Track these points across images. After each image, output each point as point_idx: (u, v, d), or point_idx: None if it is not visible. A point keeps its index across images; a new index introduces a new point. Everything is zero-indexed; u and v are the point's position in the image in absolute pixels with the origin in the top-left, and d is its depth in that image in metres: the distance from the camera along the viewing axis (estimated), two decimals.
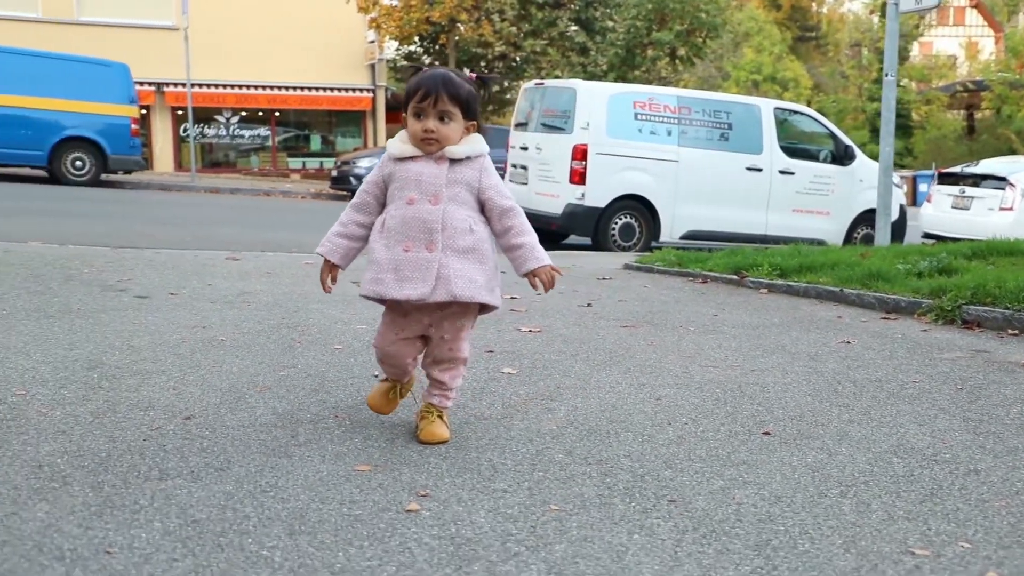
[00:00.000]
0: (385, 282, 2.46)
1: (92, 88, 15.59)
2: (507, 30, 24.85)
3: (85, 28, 22.36)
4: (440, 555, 1.84)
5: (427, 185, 2.47)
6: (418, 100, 2.46)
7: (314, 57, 24.53)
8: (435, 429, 2.58)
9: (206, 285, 5.31)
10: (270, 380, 3.21)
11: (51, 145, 15.32)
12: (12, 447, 2.35)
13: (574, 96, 10.98)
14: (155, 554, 1.77)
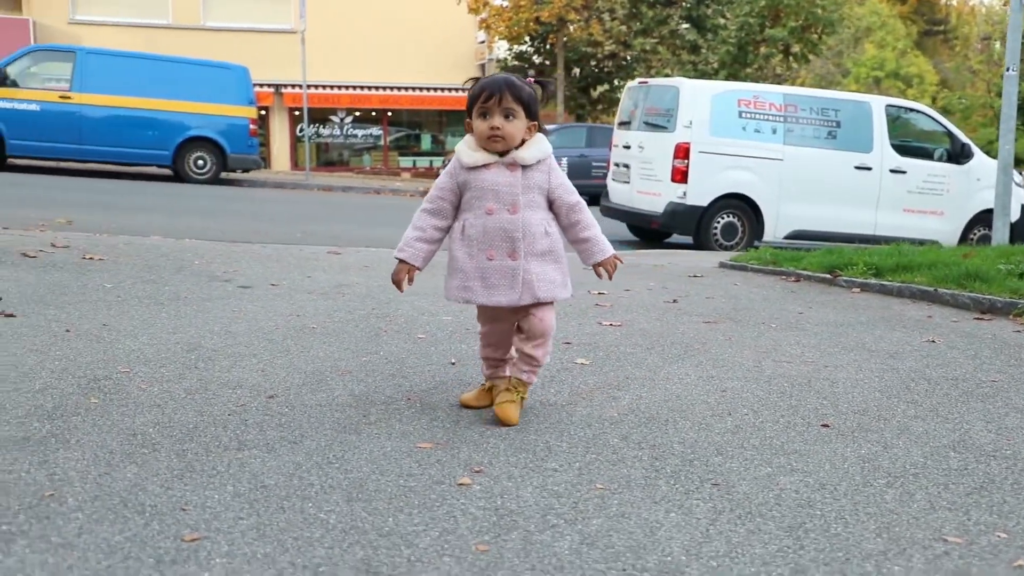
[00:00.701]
0: (473, 289, 2.64)
1: (214, 90, 16.31)
2: (617, 29, 24.84)
3: (210, 33, 23.38)
4: (482, 524, 1.97)
5: (504, 195, 2.61)
6: (483, 101, 2.60)
7: (425, 58, 25.03)
8: (511, 411, 2.71)
9: (306, 277, 5.57)
10: (352, 365, 3.40)
11: (176, 145, 16.07)
12: (112, 417, 2.58)
13: (677, 94, 10.96)
14: (224, 512, 1.95)
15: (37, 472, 2.12)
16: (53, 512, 1.90)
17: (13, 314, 3.87)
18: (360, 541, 1.85)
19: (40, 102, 15.21)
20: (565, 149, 19.23)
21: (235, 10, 23.93)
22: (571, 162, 19.02)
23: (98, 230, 7.70)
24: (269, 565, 1.71)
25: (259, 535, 1.85)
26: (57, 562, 1.67)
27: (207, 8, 23.98)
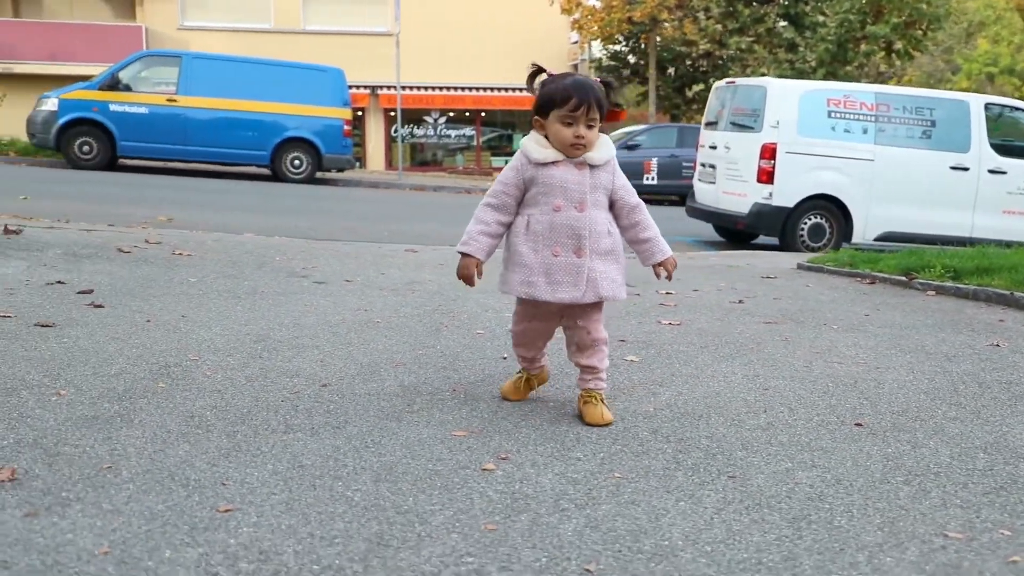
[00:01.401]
0: (537, 285, 2.67)
1: (310, 92, 16.81)
2: (712, 28, 24.61)
3: (310, 36, 24.06)
4: (496, 506, 2.09)
5: (573, 192, 2.66)
6: (571, 109, 2.62)
7: (518, 58, 25.21)
8: (598, 412, 2.76)
9: (380, 274, 5.78)
10: (407, 357, 3.55)
11: (273, 145, 16.63)
12: (175, 400, 2.79)
13: (764, 94, 10.87)
14: (259, 488, 2.12)
15: (100, 447, 2.33)
16: (108, 482, 2.09)
17: (102, 305, 4.16)
18: (378, 517, 1.99)
19: (148, 105, 15.93)
20: (655, 149, 19.16)
21: (333, 14, 24.58)
22: (661, 163, 18.95)
23: (196, 227, 8.09)
24: (290, 535, 1.87)
25: (287, 508, 2.00)
26: (103, 525, 1.86)
27: (307, 12, 24.70)
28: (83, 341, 3.46)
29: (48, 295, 4.29)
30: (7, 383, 2.84)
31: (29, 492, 2.01)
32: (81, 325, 3.72)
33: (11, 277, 4.63)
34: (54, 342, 3.41)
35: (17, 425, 2.45)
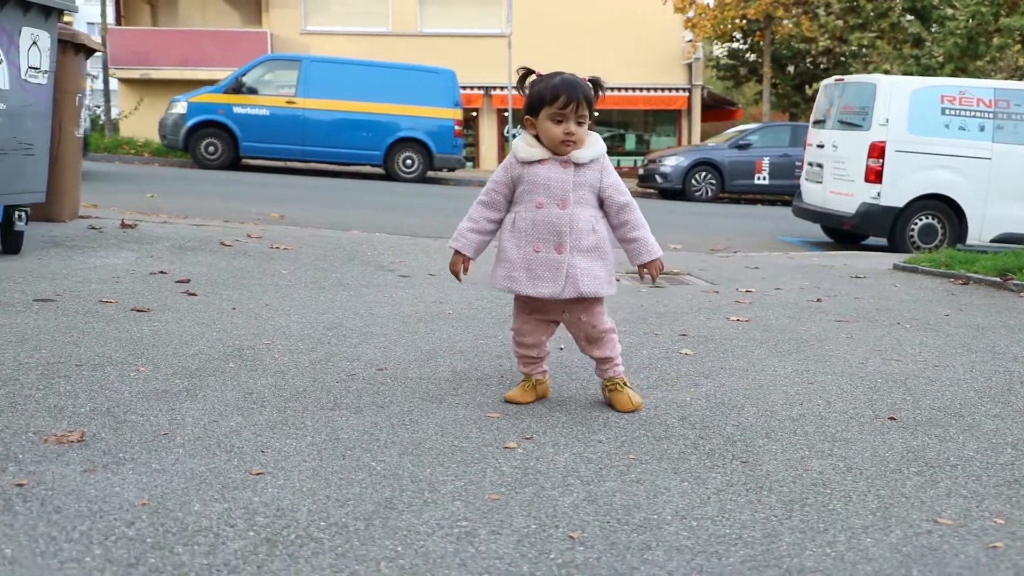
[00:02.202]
0: (518, 280, 2.76)
1: (423, 93, 17.25)
2: (833, 24, 24.02)
3: (426, 39, 24.62)
4: (506, 479, 2.24)
5: (555, 190, 2.73)
6: (560, 107, 2.70)
7: (631, 58, 25.20)
8: (625, 398, 2.85)
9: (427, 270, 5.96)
10: (466, 346, 3.73)
11: (387, 145, 17.14)
12: (239, 379, 3.04)
13: (874, 91, 10.65)
14: (293, 456, 2.32)
15: (162, 417, 2.58)
16: (161, 447, 2.33)
17: (195, 293, 4.48)
18: (392, 485, 2.16)
19: (269, 107, 16.65)
20: (767, 149, 18.87)
21: (449, 17, 25.07)
22: (773, 162, 18.65)
23: (306, 224, 8.47)
24: (309, 496, 2.06)
25: (313, 475, 2.20)
26: (148, 482, 2.09)
27: (423, 16, 25.27)
28: (171, 325, 3.75)
29: (149, 283, 4.64)
30: (96, 359, 3.13)
31: (92, 452, 2.26)
32: (173, 311, 4.03)
33: (120, 267, 5.02)
34: (145, 325, 3.72)
35: (96, 395, 2.73)
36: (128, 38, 24.27)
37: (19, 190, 4.88)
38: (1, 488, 2.00)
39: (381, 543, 1.84)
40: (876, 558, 1.87)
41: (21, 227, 5.02)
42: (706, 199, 18.47)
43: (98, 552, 1.72)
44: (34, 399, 2.65)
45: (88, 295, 4.23)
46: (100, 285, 4.47)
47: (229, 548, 1.77)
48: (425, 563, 1.76)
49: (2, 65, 4.61)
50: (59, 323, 3.63)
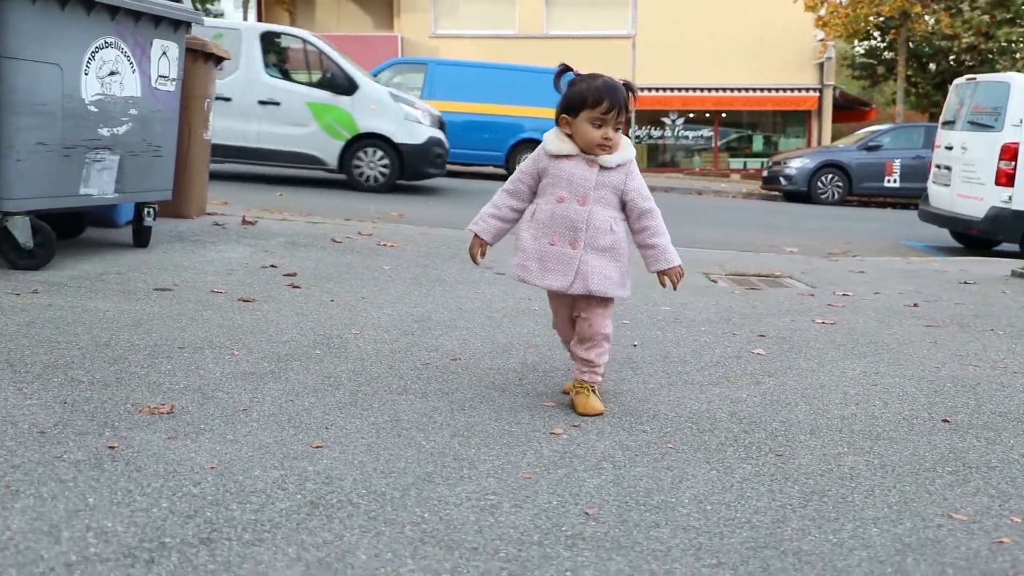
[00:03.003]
0: (530, 270, 2.83)
1: (545, 94, 17.43)
2: (978, 19, 23.04)
3: (552, 41, 24.86)
4: (543, 461, 2.40)
5: (577, 186, 2.78)
6: (603, 112, 2.75)
7: (760, 58, 24.81)
8: (589, 402, 2.85)
9: None
10: (542, 340, 3.90)
11: (509, 146, 17.45)
12: (322, 364, 3.29)
13: (1008, 91, 10.30)
14: (353, 433, 2.55)
15: (244, 395, 2.84)
16: (238, 420, 2.59)
17: (299, 286, 4.79)
18: (436, 461, 2.36)
19: None
20: (899, 150, 18.31)
21: (575, 19, 25.25)
22: (904, 164, 18.07)
23: (422, 223, 8.78)
24: (357, 468, 2.27)
25: (366, 449, 2.41)
26: (220, 450, 2.35)
27: (550, 18, 25.53)
28: (271, 314, 4.06)
29: (259, 276, 4.99)
30: (197, 343, 3.44)
31: (178, 423, 2.54)
32: (275, 301, 4.35)
33: (235, 260, 5.40)
34: (248, 314, 4.03)
35: (191, 375, 3.03)
36: None
37: (148, 188, 5.31)
38: (96, 449, 2.28)
39: (411, 510, 2.03)
40: (875, 545, 1.95)
41: (149, 223, 5.46)
42: (832, 202, 18.06)
43: (164, 505, 1.97)
44: (137, 376, 2.96)
45: (202, 285, 4.59)
46: (214, 277, 4.84)
47: (276, 508, 2.00)
48: (446, 528, 1.94)
49: (135, 74, 5.04)
50: (172, 310, 3.98)
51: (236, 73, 11.69)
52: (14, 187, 4.35)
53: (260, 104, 11.91)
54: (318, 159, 12.18)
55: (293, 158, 12.19)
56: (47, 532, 1.80)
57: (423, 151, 12.40)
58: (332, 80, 12.18)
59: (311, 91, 12.12)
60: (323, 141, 12.09)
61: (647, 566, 1.82)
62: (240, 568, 1.71)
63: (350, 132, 12.08)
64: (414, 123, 12.31)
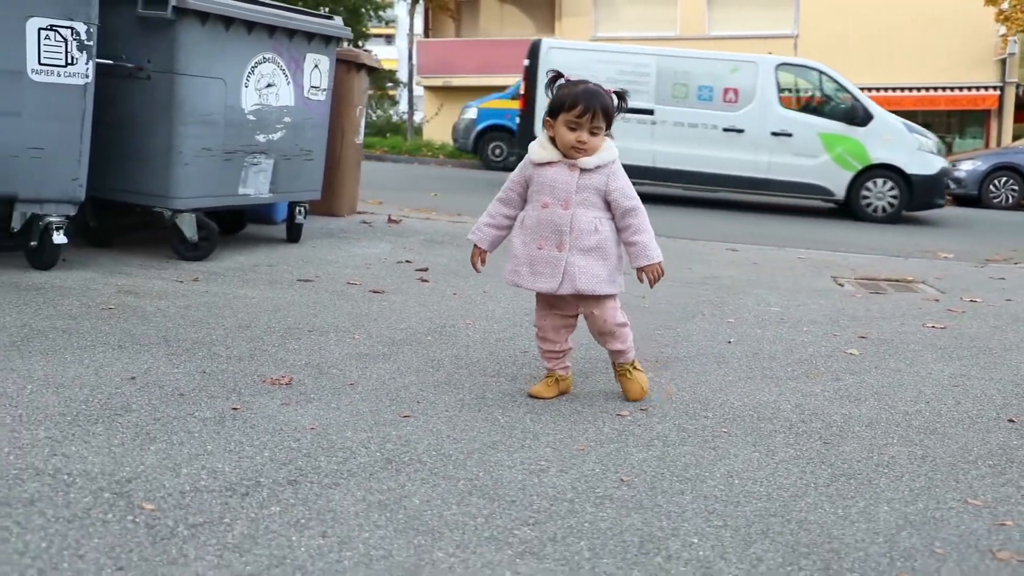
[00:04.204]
0: (521, 274, 2.99)
1: None
2: None
3: (713, 42, 24.66)
4: (600, 436, 2.68)
5: (559, 191, 2.89)
6: (577, 115, 2.83)
7: (933, 55, 23.83)
8: (633, 384, 3.06)
9: (686, 268, 6.33)
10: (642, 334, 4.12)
11: None
12: (430, 349, 3.66)
13: None
14: (439, 407, 2.90)
15: (354, 372, 3.24)
16: (344, 393, 2.99)
17: (428, 280, 5.21)
18: (504, 432, 2.67)
19: None
20: None
21: (737, 19, 24.99)
22: None
23: None
24: (434, 435, 2.62)
25: (446, 420, 2.76)
26: (322, 415, 2.74)
27: (711, 19, 25.38)
28: (396, 304, 4.48)
29: (393, 270, 5.44)
30: (324, 327, 3.89)
31: (293, 393, 2.96)
32: (403, 293, 4.77)
33: (374, 256, 5.89)
34: (375, 304, 4.47)
35: (313, 354, 3.46)
36: (434, 49, 26.43)
37: (299, 189, 5.87)
38: (221, 410, 2.72)
39: (469, 469, 2.36)
40: (877, 520, 2.13)
41: (300, 220, 6.03)
42: (1006, 206, 17.22)
43: (266, 454, 2.38)
44: (267, 352, 3.42)
45: (340, 277, 5.07)
46: (353, 270, 5.33)
47: (356, 461, 2.37)
48: (494, 485, 2.26)
49: (289, 86, 5.59)
50: (309, 298, 4.46)
51: (751, 105, 12.01)
52: (182, 188, 4.96)
53: (773, 135, 12.04)
54: (826, 189, 12.23)
55: (800, 188, 12.29)
56: (171, 468, 2.23)
57: (934, 182, 12.27)
58: (847, 111, 12.22)
59: (825, 122, 12.18)
60: (832, 172, 12.11)
61: (658, 523, 2.07)
62: (314, 503, 2.08)
63: (861, 163, 12.06)
64: (926, 153, 12.24)
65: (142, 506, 2.00)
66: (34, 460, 2.22)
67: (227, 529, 1.92)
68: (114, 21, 4.74)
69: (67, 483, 2.10)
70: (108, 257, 5.02)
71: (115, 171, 4.95)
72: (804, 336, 4.28)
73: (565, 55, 12.33)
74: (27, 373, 2.92)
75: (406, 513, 2.06)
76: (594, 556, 1.90)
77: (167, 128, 4.89)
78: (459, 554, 1.88)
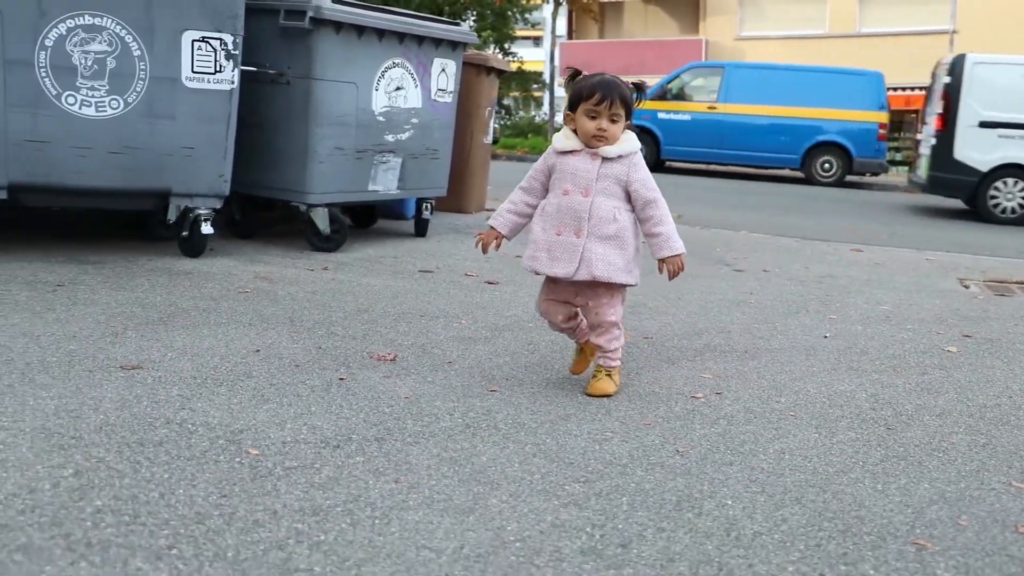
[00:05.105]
0: (540, 259, 3.03)
1: (845, 96, 17.13)
2: None
3: (863, 39, 24.00)
4: (670, 414, 2.87)
5: (580, 179, 2.96)
6: (595, 103, 2.90)
7: None
8: (600, 385, 3.07)
9: (804, 268, 6.36)
10: (737, 328, 4.28)
11: (804, 149, 17.28)
12: (530, 334, 3.92)
13: None
14: (526, 383, 3.15)
15: (455, 353, 3.53)
16: (441, 369, 3.28)
17: None
18: (579, 407, 2.90)
19: (691, 112, 17.63)
20: None
21: (889, 15, 24.17)
22: None
23: (699, 223, 9.16)
24: (515, 407, 2.87)
25: (529, 395, 3.01)
26: (418, 387, 3.04)
27: (863, 16, 24.63)
28: (507, 295, 4.76)
29: (508, 263, 5.72)
30: (435, 313, 4.20)
31: (396, 368, 3.27)
32: (515, 285, 5.05)
33: None
34: (487, 294, 4.76)
35: (420, 335, 3.77)
36: (576, 50, 26.68)
37: (426, 186, 6.24)
38: (329, 379, 3.06)
39: (539, 436, 2.60)
40: (913, 495, 2.26)
41: (427, 216, 6.40)
42: None
43: (361, 416, 2.69)
44: (380, 333, 3.75)
45: (459, 269, 5.40)
46: (471, 263, 5.64)
47: (439, 425, 2.65)
48: (557, 449, 2.50)
49: (417, 89, 5.97)
50: (426, 287, 4.80)
51: None
52: (316, 184, 5.39)
53: None
54: None
55: None
56: (277, 423, 2.57)
57: None
58: None
59: None
60: None
61: (699, 487, 2.27)
62: (394, 456, 2.37)
63: None
64: None
65: (248, 451, 2.34)
66: (166, 412, 2.60)
67: (315, 472, 2.23)
68: (258, 32, 5.21)
69: (190, 431, 2.46)
70: (250, 247, 5.51)
71: (257, 168, 5.43)
72: (905, 333, 4.32)
73: (993, 72, 11.76)
74: (169, 343, 3.34)
75: (472, 468, 2.33)
76: (631, 510, 2.11)
77: (304, 129, 5.33)
78: (510, 501, 2.13)
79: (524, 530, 1.98)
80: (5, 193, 4.53)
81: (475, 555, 1.85)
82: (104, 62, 4.58)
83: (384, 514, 2.02)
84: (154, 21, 4.65)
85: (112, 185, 4.75)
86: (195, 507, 1.99)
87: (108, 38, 4.57)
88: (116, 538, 1.82)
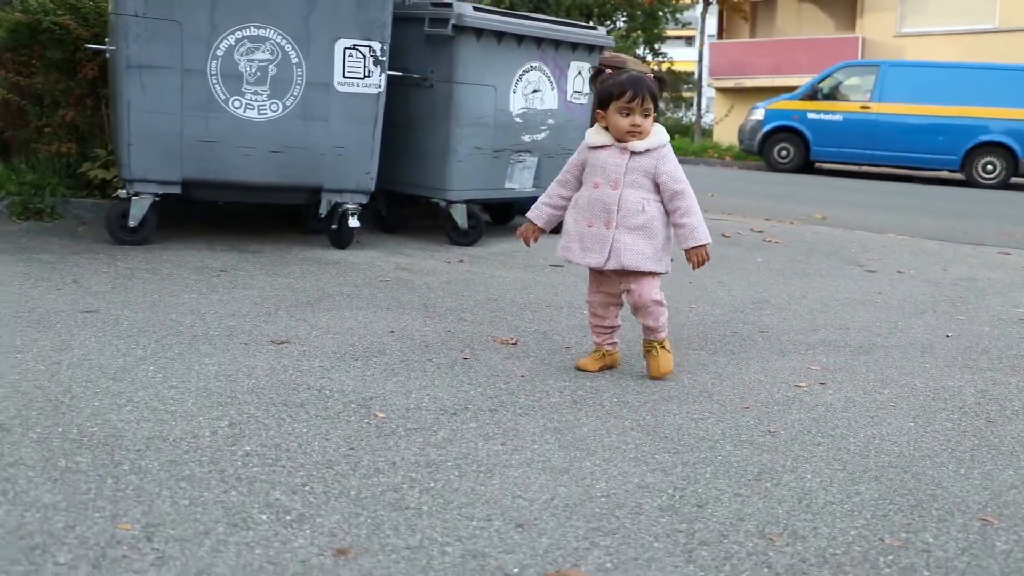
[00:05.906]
0: (572, 250, 3.19)
1: (1011, 94, 16.37)
2: None
3: None
4: (770, 400, 3.02)
5: (610, 172, 3.09)
6: (627, 101, 3.03)
7: None
8: (661, 364, 3.22)
9: (942, 270, 6.27)
10: (859, 325, 4.34)
11: (965, 150, 16.62)
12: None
13: None
14: (632, 376, 3.35)
15: (572, 339, 3.76)
16: (558, 352, 3.52)
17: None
18: (682, 390, 3.09)
19: (843, 113, 17.25)
20: None
21: None
22: None
23: (843, 225, 9.03)
24: (622, 388, 3.08)
25: (637, 379, 3.22)
26: (534, 367, 3.29)
27: None
28: None
29: None
30: (559, 304, 4.45)
31: (516, 350, 3.53)
32: None
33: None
34: None
35: (542, 323, 4.02)
36: (726, 50, 26.43)
37: None
38: (454, 358, 3.35)
39: (640, 413, 2.82)
40: (993, 480, 2.35)
41: None
42: None
43: (478, 390, 2.96)
44: (505, 320, 4.03)
45: None
46: None
47: (549, 400, 2.90)
48: (654, 425, 2.70)
49: (553, 91, 6.23)
50: (554, 280, 5.05)
51: None
52: (455, 181, 5.73)
53: None
54: None
55: None
56: (403, 393, 2.88)
57: None
58: None
59: None
60: None
61: (782, 462, 2.43)
62: (504, 424, 2.63)
63: None
64: None
65: (376, 414, 2.65)
66: (307, 379, 2.94)
67: (432, 434, 2.52)
68: (405, 39, 5.59)
69: (327, 396, 2.79)
70: (393, 240, 5.90)
71: (401, 167, 5.82)
72: (981, 315, 4.28)
73: None
74: (314, 323, 3.71)
75: (573, 436, 2.56)
76: (713, 478, 2.30)
77: (445, 129, 5.67)
78: (602, 465, 2.35)
79: (611, 488, 2.20)
80: (179, 188, 5.06)
81: (563, 505, 2.09)
82: (266, 69, 5.05)
83: (488, 470, 2.28)
84: (311, 31, 5.09)
85: (271, 181, 5.22)
86: (327, 456, 2.31)
87: (271, 47, 5.03)
88: (260, 475, 2.16)
